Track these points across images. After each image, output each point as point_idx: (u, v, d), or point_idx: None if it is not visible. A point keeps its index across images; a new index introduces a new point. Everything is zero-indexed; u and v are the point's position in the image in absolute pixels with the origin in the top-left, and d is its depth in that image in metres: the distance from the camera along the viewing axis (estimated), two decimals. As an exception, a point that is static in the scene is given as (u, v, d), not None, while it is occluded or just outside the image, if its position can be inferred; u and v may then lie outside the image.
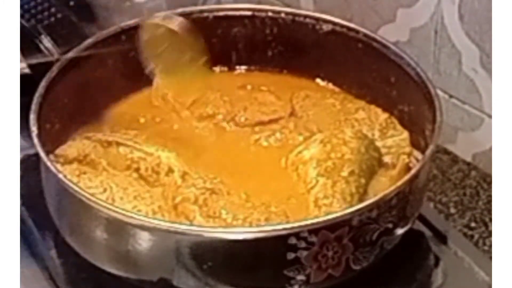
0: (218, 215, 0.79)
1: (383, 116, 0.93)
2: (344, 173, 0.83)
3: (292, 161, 0.87)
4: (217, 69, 1.02)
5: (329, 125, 0.92)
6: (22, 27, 0.80)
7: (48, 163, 0.79)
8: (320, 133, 0.89)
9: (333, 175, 0.83)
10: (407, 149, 0.90)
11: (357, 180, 0.83)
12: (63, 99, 0.90)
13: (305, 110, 0.95)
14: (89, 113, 0.94)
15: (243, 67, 1.03)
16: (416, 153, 0.89)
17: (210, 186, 0.82)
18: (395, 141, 0.90)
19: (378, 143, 0.89)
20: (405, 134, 0.91)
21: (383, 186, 0.84)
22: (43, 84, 0.87)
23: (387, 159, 0.89)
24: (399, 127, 0.92)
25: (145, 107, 0.97)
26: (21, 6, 0.81)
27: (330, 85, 1.00)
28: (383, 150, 0.89)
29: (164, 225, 0.75)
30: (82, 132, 0.91)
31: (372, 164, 0.86)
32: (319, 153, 0.86)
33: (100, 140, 0.88)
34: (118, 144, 0.87)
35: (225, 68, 1.03)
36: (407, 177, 0.79)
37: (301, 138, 0.91)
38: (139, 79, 0.97)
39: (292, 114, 0.95)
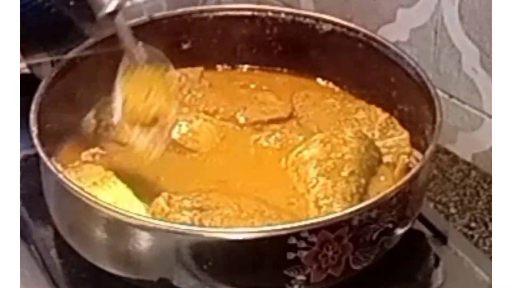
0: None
1: (383, 116, 0.93)
2: (344, 173, 0.83)
3: (292, 161, 0.87)
4: (218, 67, 1.02)
5: (329, 125, 0.92)
6: (22, 27, 0.80)
7: (48, 163, 0.79)
8: (320, 133, 0.89)
9: (333, 175, 0.83)
10: (407, 149, 0.90)
11: (357, 180, 0.83)
12: (63, 99, 0.90)
13: (305, 110, 0.95)
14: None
15: (243, 67, 1.03)
16: (416, 153, 0.89)
17: (198, 205, 0.80)
18: (395, 141, 0.90)
19: (378, 143, 0.89)
20: (405, 134, 0.91)
21: (383, 186, 0.84)
22: (43, 84, 0.87)
23: (387, 159, 0.89)
24: (399, 127, 0.92)
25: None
26: (21, 6, 0.80)
27: (330, 85, 1.00)
28: (383, 150, 0.89)
29: (164, 225, 0.74)
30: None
31: (372, 164, 0.86)
32: (319, 153, 0.85)
33: None
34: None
35: (225, 67, 1.02)
36: (407, 177, 0.79)
37: (301, 138, 0.91)
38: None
39: (292, 114, 0.95)
